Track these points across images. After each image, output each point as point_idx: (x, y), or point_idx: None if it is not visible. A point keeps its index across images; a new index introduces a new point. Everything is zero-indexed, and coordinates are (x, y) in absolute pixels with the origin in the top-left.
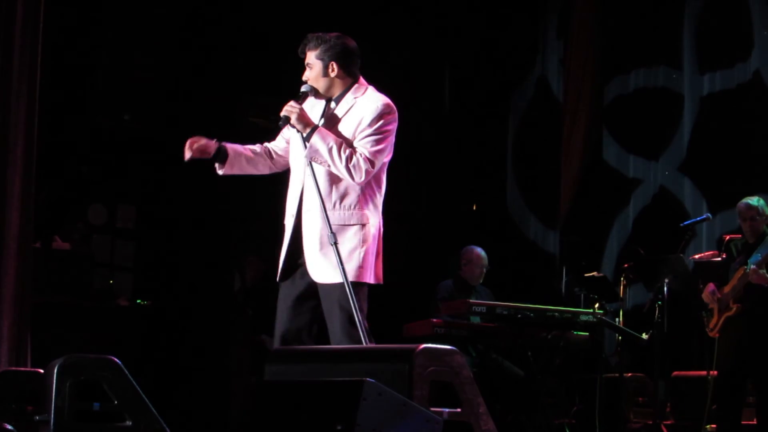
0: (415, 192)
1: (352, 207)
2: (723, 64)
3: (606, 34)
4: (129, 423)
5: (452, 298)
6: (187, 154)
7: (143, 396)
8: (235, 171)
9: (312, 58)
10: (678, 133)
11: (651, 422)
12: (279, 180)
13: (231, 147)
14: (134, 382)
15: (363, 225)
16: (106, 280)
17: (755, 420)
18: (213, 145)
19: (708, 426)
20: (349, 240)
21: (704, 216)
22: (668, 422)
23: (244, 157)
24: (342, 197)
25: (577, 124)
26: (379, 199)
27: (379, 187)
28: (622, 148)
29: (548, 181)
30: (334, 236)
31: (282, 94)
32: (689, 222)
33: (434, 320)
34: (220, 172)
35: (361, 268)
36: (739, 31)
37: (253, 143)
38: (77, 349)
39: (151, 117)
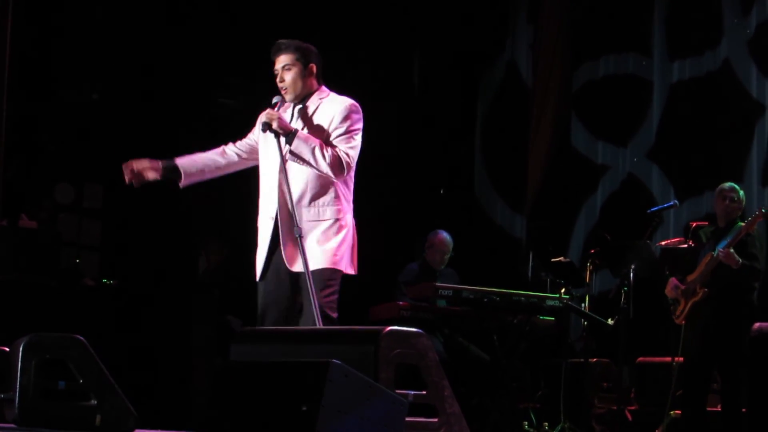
0: (382, 176)
1: (326, 204)
2: (693, 52)
3: (576, 20)
4: (94, 402)
5: (417, 282)
6: (127, 179)
7: (108, 375)
8: (196, 180)
9: (291, 59)
10: (647, 120)
11: (615, 407)
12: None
13: (181, 161)
14: (99, 361)
15: (337, 219)
16: (73, 259)
17: (719, 407)
18: (155, 167)
19: (672, 412)
20: (324, 233)
21: (671, 203)
22: (632, 408)
23: (199, 167)
24: (316, 195)
25: (546, 109)
26: (350, 194)
27: (350, 184)
28: (590, 135)
29: (516, 166)
30: (301, 230)
31: (252, 75)
32: (656, 209)
33: (400, 303)
34: (181, 185)
35: (335, 256)
36: (709, 18)
37: (221, 125)
38: (43, 329)
39: (119, 96)
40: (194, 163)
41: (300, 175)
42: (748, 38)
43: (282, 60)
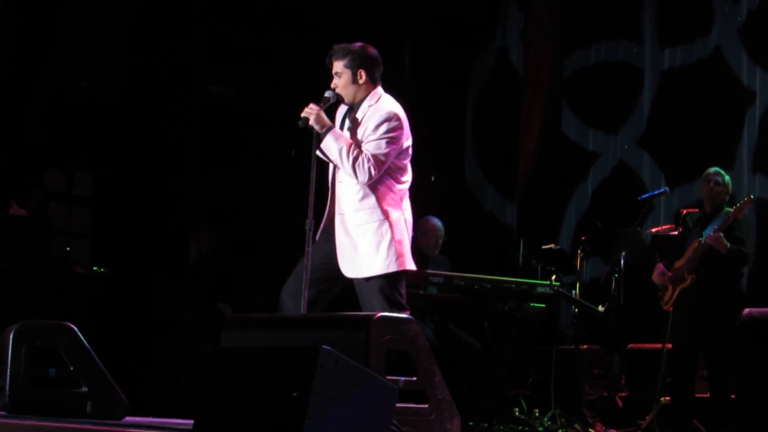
0: None
1: (372, 206)
2: (684, 39)
3: (567, 7)
4: (84, 389)
5: None
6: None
7: (99, 362)
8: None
9: (340, 67)
10: (638, 107)
11: (606, 394)
12: (232, 152)
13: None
14: (90, 349)
15: (383, 220)
16: (63, 247)
17: (709, 393)
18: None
19: (662, 399)
20: (372, 235)
21: (662, 190)
22: (623, 394)
23: None
24: (362, 198)
25: (537, 96)
26: (399, 194)
27: (398, 185)
28: (581, 122)
29: (507, 153)
30: (312, 223)
31: (242, 62)
32: (647, 195)
33: None
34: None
35: (392, 257)
36: (700, 6)
37: (212, 112)
38: (33, 316)
39: (109, 83)
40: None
41: (349, 179)
42: (739, 25)
43: (334, 66)
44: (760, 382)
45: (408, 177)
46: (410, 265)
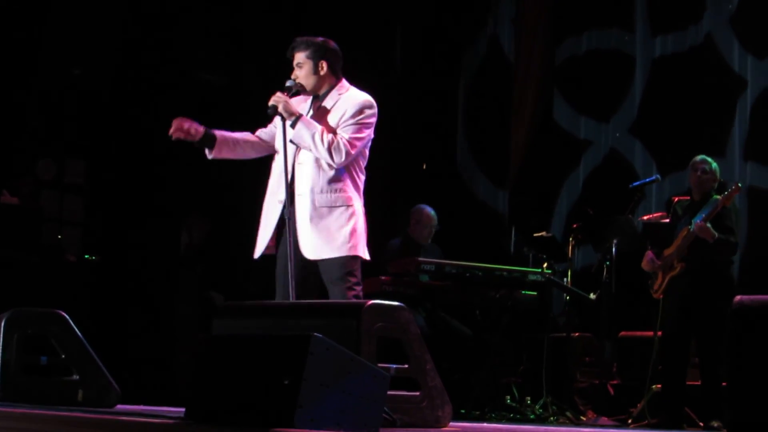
0: None
1: (338, 190)
2: (675, 27)
3: None
4: (76, 377)
5: (401, 257)
6: (175, 134)
7: (90, 350)
8: (224, 155)
9: (302, 57)
10: (629, 95)
11: (597, 382)
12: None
13: (219, 133)
14: (81, 337)
15: (348, 206)
16: (55, 235)
17: (700, 381)
18: (200, 129)
19: (654, 386)
20: (336, 219)
21: (653, 177)
22: (614, 382)
23: (231, 142)
24: (328, 182)
25: (528, 84)
26: (361, 185)
27: (361, 174)
28: (573, 110)
29: (498, 141)
30: (293, 212)
31: (231, 51)
32: (638, 183)
33: (383, 278)
34: (209, 156)
35: (351, 242)
36: None
37: (209, 104)
38: (25, 304)
39: (101, 71)
40: (226, 138)
41: (314, 161)
42: (731, 13)
43: (295, 58)
44: (751, 370)
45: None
46: (367, 255)
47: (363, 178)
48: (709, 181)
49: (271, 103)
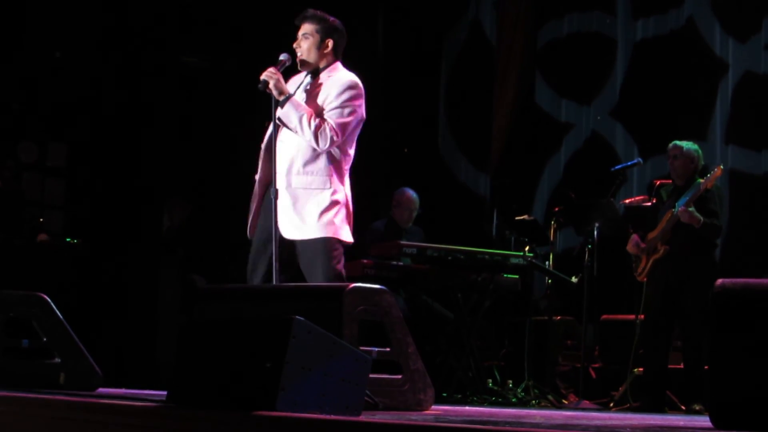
0: None
1: (314, 173)
2: (656, 10)
3: None
4: (58, 360)
5: (383, 240)
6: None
7: (72, 333)
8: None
9: (311, 29)
10: (611, 78)
11: (579, 365)
12: (204, 122)
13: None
14: (63, 320)
15: (325, 189)
16: (36, 218)
17: (682, 364)
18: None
19: (635, 369)
20: (310, 201)
21: (635, 161)
22: (596, 365)
23: None
24: (306, 163)
25: (510, 67)
26: (345, 167)
27: (344, 156)
28: (554, 93)
29: (480, 125)
30: (276, 192)
31: (213, 32)
32: (620, 167)
33: (364, 261)
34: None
35: (331, 225)
36: None
37: (184, 83)
38: (6, 287)
39: (82, 54)
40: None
41: (293, 140)
42: None
43: (303, 28)
44: (733, 353)
45: (353, 152)
46: (349, 238)
47: (348, 159)
48: (686, 164)
49: (262, 77)
